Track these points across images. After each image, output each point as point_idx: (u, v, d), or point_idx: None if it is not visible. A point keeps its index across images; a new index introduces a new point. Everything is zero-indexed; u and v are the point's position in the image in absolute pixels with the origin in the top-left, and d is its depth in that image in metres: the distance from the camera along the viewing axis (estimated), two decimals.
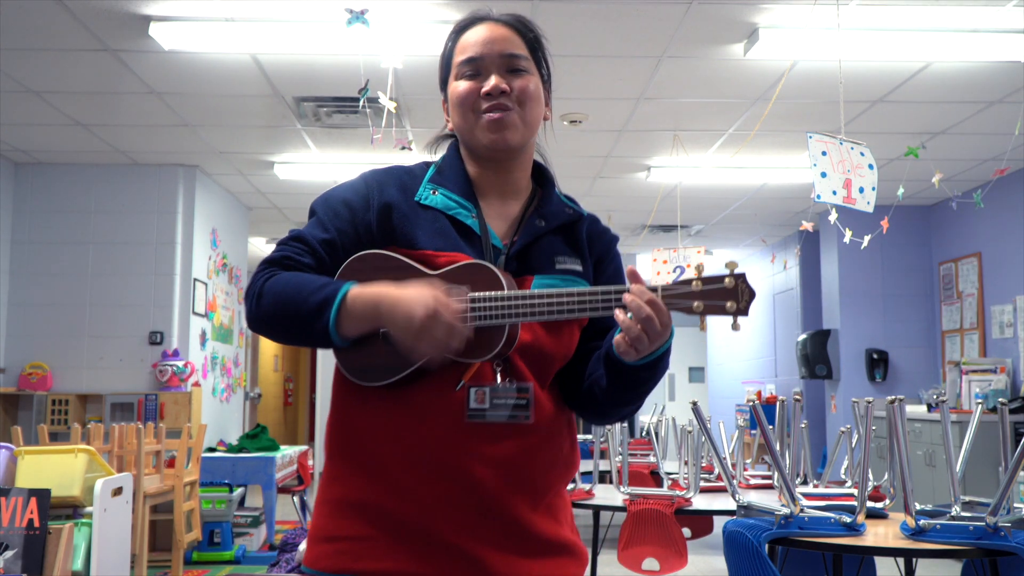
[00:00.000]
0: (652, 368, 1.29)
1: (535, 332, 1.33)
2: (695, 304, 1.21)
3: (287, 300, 1.27)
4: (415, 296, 1.19)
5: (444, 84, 1.45)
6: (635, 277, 1.22)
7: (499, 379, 1.29)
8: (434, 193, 1.37)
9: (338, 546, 1.30)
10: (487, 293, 1.25)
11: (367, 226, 1.34)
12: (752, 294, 1.21)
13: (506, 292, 1.25)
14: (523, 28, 1.41)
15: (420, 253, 1.31)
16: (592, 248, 1.45)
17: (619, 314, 1.21)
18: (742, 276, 1.22)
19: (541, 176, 1.48)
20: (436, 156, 1.48)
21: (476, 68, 1.37)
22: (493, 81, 1.35)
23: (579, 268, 1.40)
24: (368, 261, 1.31)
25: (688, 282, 1.22)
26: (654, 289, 1.22)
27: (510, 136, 1.36)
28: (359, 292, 1.24)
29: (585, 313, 1.23)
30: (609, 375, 1.32)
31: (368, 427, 1.31)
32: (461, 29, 1.42)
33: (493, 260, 1.33)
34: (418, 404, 1.28)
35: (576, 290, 1.23)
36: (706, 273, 1.23)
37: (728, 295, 1.21)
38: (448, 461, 1.27)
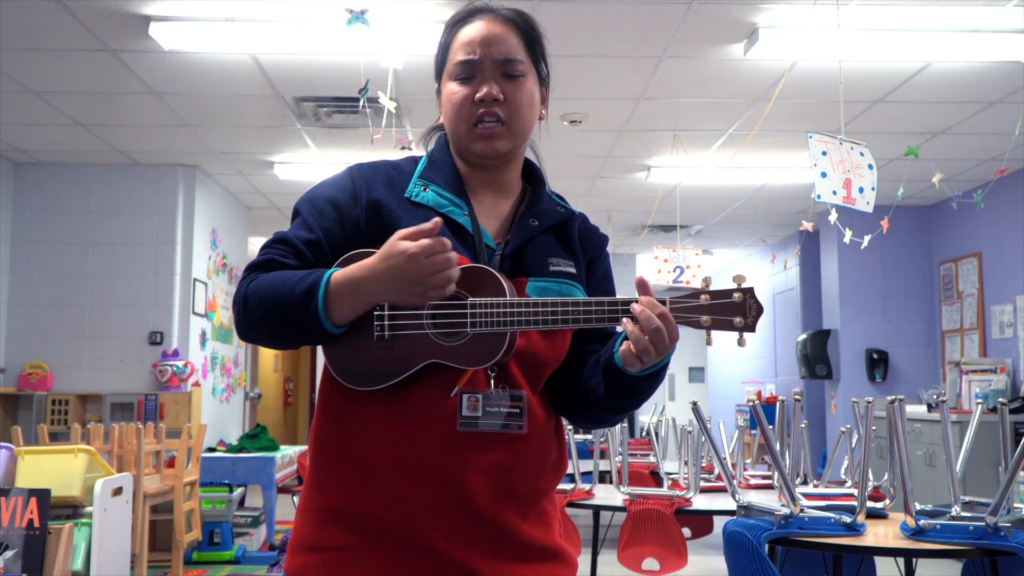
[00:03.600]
0: (653, 378, 1.29)
1: (529, 337, 1.31)
2: (703, 318, 1.21)
3: (273, 297, 1.23)
4: (393, 244, 1.18)
5: (439, 75, 1.42)
6: (644, 288, 1.21)
7: (492, 386, 1.27)
8: (425, 190, 1.34)
9: (325, 556, 1.26)
10: (490, 300, 1.23)
11: (355, 223, 1.31)
12: (760, 309, 1.20)
13: (509, 299, 1.23)
14: (523, 26, 1.38)
15: None
16: (585, 248, 1.44)
17: (627, 324, 1.20)
18: (750, 291, 1.21)
19: (532, 174, 1.46)
20: (427, 148, 1.45)
21: (471, 71, 1.34)
22: (486, 89, 1.33)
23: (573, 270, 1.39)
24: (357, 259, 1.27)
25: (696, 295, 1.22)
26: (662, 302, 1.21)
27: (500, 145, 1.34)
28: (343, 272, 1.22)
29: (591, 323, 1.22)
30: (608, 383, 1.31)
31: (358, 433, 1.27)
32: (460, 21, 1.38)
33: (487, 260, 1.32)
34: (411, 410, 1.25)
35: (582, 300, 1.23)
36: (714, 286, 1.22)
37: (736, 310, 1.21)
38: (440, 468, 1.24)
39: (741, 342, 1.21)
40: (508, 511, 1.28)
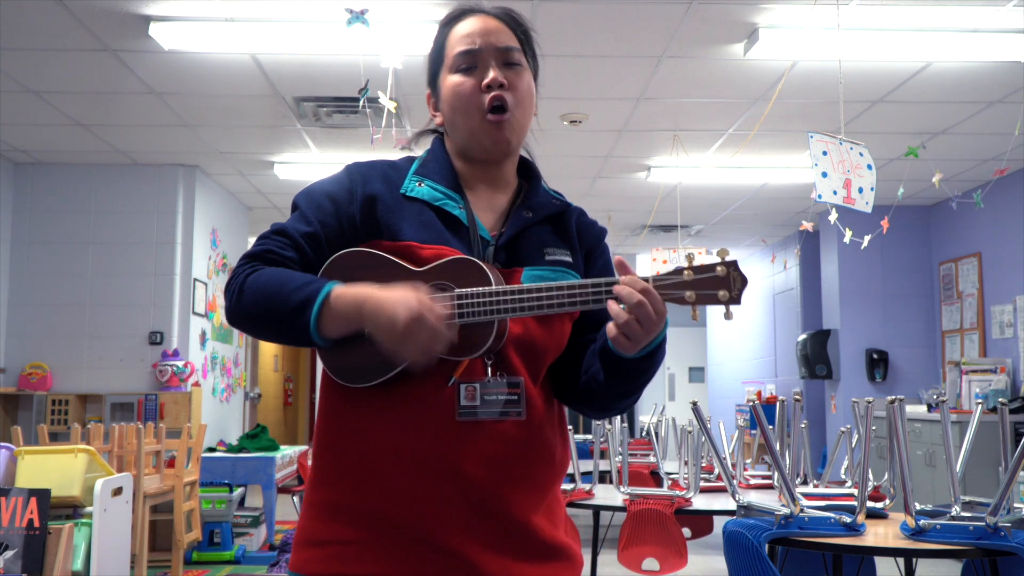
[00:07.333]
0: (650, 359, 1.28)
1: (526, 324, 1.31)
2: (687, 294, 1.19)
3: (268, 297, 1.24)
4: (399, 298, 1.16)
5: (433, 78, 1.43)
6: (624, 268, 1.21)
7: (490, 374, 1.27)
8: (420, 185, 1.35)
9: (328, 550, 1.26)
10: (474, 289, 1.22)
11: (351, 219, 1.32)
12: (744, 281, 1.19)
13: (494, 288, 1.22)
14: (513, 22, 1.41)
15: (404, 245, 1.28)
16: (582, 239, 1.44)
17: (612, 305, 1.19)
18: (734, 264, 1.19)
19: (527, 171, 1.47)
20: (419, 151, 1.46)
21: (473, 61, 1.36)
22: (492, 74, 1.34)
23: (569, 259, 1.39)
24: (347, 259, 1.29)
25: (679, 271, 1.20)
26: (645, 279, 1.20)
27: (512, 138, 1.36)
28: (342, 292, 1.21)
29: (576, 306, 1.21)
30: (607, 369, 1.30)
31: (358, 428, 1.27)
32: (451, 21, 1.41)
33: (481, 251, 1.32)
34: (409, 403, 1.25)
35: (566, 283, 1.21)
36: (697, 261, 1.21)
37: (720, 284, 1.19)
38: (440, 459, 1.24)
39: (728, 315, 1.20)
40: (512, 503, 1.27)
